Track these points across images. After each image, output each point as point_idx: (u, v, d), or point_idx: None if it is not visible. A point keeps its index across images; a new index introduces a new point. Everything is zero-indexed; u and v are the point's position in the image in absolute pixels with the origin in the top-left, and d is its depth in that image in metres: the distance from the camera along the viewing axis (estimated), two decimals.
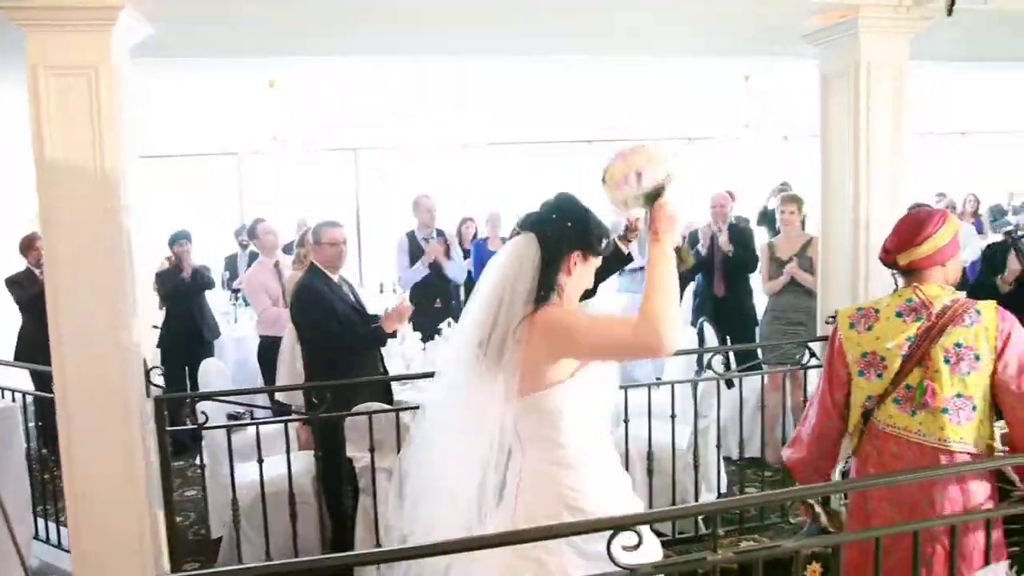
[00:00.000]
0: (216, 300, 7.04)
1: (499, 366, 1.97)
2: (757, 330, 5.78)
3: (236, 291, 7.45)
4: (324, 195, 9.92)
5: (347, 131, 9.06)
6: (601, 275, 2.27)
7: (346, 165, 10.37)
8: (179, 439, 5.45)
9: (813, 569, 2.18)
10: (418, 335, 5.96)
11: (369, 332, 4.24)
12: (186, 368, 5.61)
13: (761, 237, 7.27)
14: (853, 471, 2.60)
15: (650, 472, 4.09)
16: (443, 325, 5.40)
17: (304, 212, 8.50)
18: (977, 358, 2.31)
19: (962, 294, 2.47)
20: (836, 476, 2.67)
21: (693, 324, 5.74)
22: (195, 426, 3.61)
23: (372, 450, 3.75)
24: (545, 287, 2.00)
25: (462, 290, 6.89)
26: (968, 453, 2.33)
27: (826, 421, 2.57)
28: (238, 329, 6.95)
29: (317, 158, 8.88)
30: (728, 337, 5.44)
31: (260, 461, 3.73)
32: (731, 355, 4.35)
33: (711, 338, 5.29)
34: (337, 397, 3.75)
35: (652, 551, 1.99)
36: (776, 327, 5.32)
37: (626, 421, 4.00)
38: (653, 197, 1.95)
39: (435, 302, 6.11)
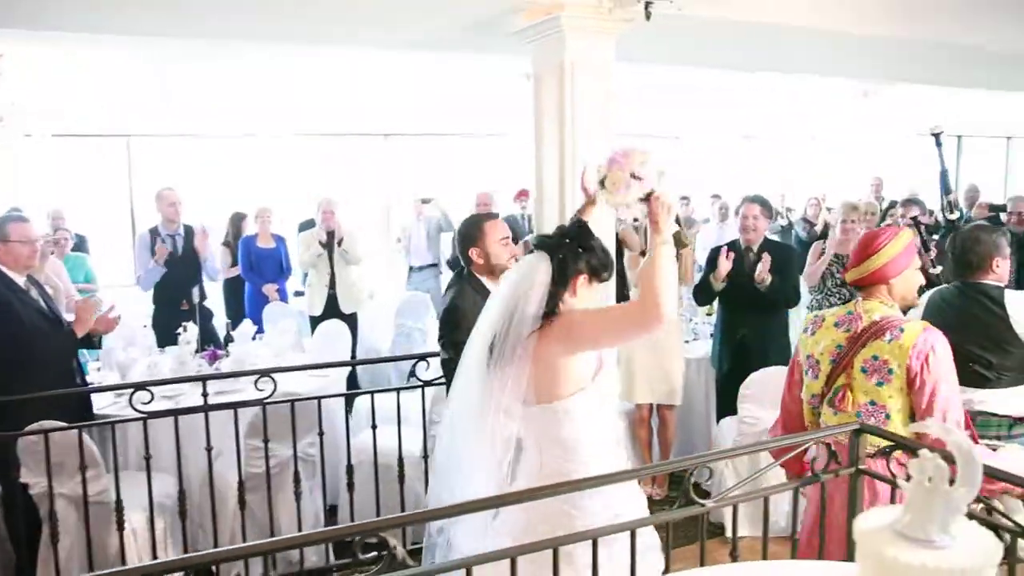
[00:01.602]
0: None
1: (509, 371, 2.15)
2: None
3: None
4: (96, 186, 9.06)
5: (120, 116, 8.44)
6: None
7: (117, 153, 9.53)
8: None
9: None
10: (152, 340, 5.54)
11: (59, 340, 3.80)
12: None
13: None
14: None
15: (401, 479, 3.94)
16: (180, 330, 5.00)
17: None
18: (890, 372, 2.50)
19: (898, 313, 2.63)
20: None
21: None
22: None
23: (49, 475, 3.36)
24: (551, 304, 2.20)
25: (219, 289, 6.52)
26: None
27: (786, 414, 2.88)
28: None
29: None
30: None
31: None
32: None
33: None
34: (9, 415, 3.33)
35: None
36: None
37: (373, 427, 3.87)
38: (649, 193, 2.22)
39: (181, 303, 5.66)
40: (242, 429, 3.68)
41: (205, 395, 3.32)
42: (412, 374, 3.58)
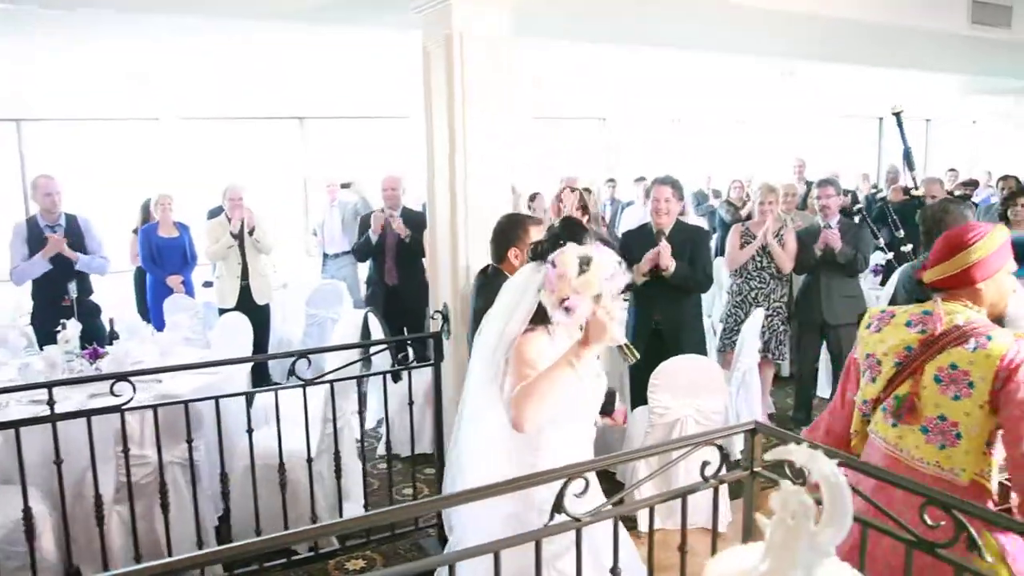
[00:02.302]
0: None
1: (500, 374, 2.26)
2: None
3: None
4: None
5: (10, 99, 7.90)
6: None
7: (7, 137, 8.94)
8: None
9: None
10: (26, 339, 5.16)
11: None
12: None
13: None
14: None
15: (283, 486, 3.64)
16: (58, 328, 4.64)
17: None
18: (970, 385, 2.08)
19: (982, 318, 2.19)
20: None
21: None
22: None
23: None
24: (543, 312, 2.20)
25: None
26: (943, 481, 2.08)
27: (834, 420, 2.50)
28: None
29: None
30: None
31: None
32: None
33: (376, 330, 4.95)
34: None
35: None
36: None
37: (250, 431, 3.57)
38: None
39: (63, 299, 5.25)
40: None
41: (51, 403, 2.98)
42: (292, 372, 3.30)
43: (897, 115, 4.62)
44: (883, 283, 6.42)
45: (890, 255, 6.31)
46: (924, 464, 2.13)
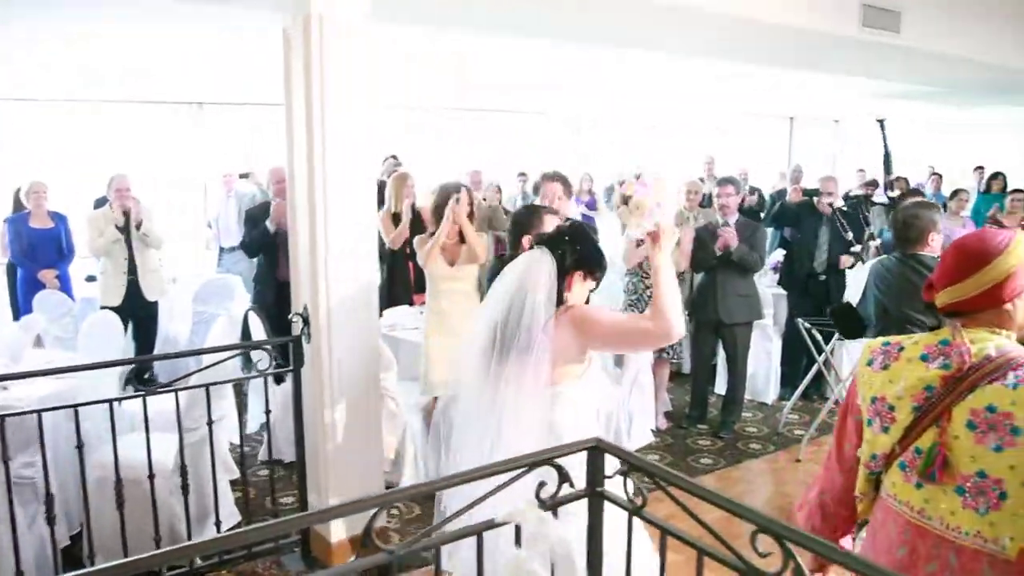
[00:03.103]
0: None
1: (528, 359, 2.27)
2: None
3: None
4: None
5: None
6: None
7: None
8: None
9: None
10: None
11: None
12: None
13: None
14: (863, 544, 2.02)
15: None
16: None
17: None
18: (1015, 431, 1.64)
19: (1016, 345, 1.77)
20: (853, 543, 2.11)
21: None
22: None
23: None
24: (559, 296, 2.37)
25: None
26: (988, 554, 1.67)
27: (830, 477, 2.03)
28: None
29: None
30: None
31: None
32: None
33: (259, 330, 4.68)
34: None
35: None
36: None
37: (114, 442, 3.25)
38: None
39: None
40: None
41: None
42: (138, 379, 3.04)
43: (881, 122, 4.75)
44: (780, 283, 6.44)
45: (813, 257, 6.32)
46: (962, 535, 1.70)
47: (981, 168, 11.74)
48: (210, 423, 3.27)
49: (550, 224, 3.22)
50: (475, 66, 8.07)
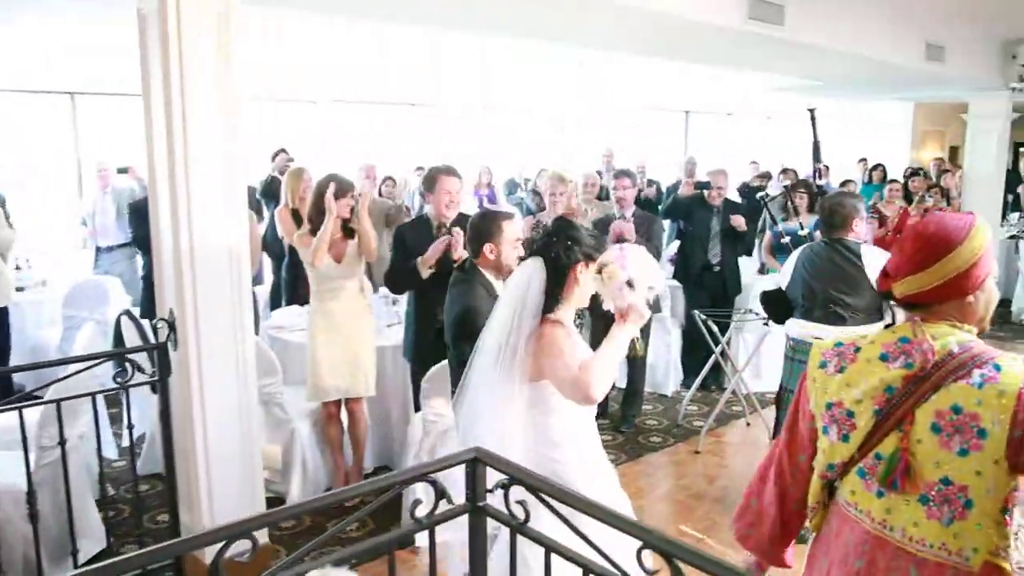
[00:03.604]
0: None
1: (513, 366, 2.38)
2: None
3: None
4: None
5: None
6: None
7: None
8: None
9: None
10: None
11: None
12: None
13: None
14: (810, 556, 1.89)
15: None
16: None
17: None
18: (982, 434, 1.53)
19: (977, 340, 1.67)
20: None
21: None
22: None
23: None
24: (552, 300, 2.42)
25: None
26: (952, 566, 1.58)
27: (786, 488, 1.88)
28: None
29: None
30: None
31: None
32: None
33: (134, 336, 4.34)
34: None
35: None
36: None
37: None
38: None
39: None
40: None
41: None
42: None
43: (811, 111, 4.89)
44: (675, 275, 6.46)
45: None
46: (925, 547, 1.60)
47: (864, 160, 12.22)
48: (62, 442, 2.96)
49: (510, 230, 3.21)
50: (362, 55, 7.85)
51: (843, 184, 7.94)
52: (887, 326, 1.78)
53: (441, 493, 1.82)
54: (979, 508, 1.56)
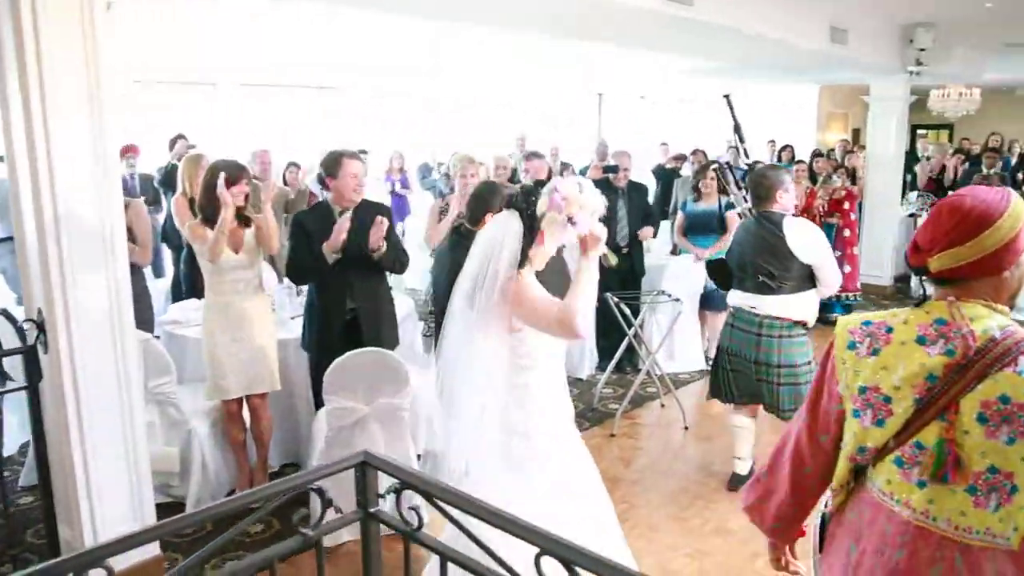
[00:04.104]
0: None
1: (489, 310, 2.50)
2: None
3: None
4: None
5: None
6: None
7: None
8: None
9: None
10: None
11: None
12: None
13: None
14: (829, 533, 1.85)
15: None
16: None
17: None
18: None
19: (1017, 325, 1.59)
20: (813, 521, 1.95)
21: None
22: None
23: None
24: (523, 256, 2.54)
25: None
26: (995, 549, 1.55)
27: (802, 468, 1.84)
28: None
29: None
30: None
31: None
32: None
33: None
34: None
35: None
36: None
37: None
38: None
39: None
40: None
41: None
42: None
43: (727, 97, 5.07)
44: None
45: None
46: (972, 534, 1.57)
47: (773, 141, 12.49)
48: None
49: None
50: (265, 36, 7.54)
51: (751, 166, 8.04)
52: (918, 304, 1.71)
53: (328, 503, 1.68)
54: (1023, 492, 1.53)
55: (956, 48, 9.70)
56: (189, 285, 5.77)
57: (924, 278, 1.72)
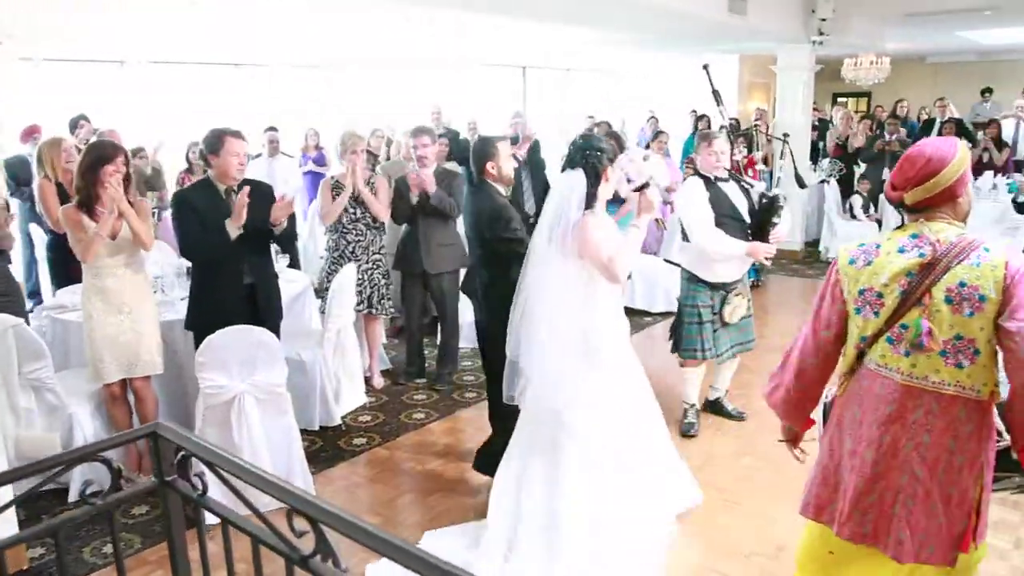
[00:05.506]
0: None
1: (565, 244, 3.16)
2: None
3: None
4: None
5: None
6: None
7: None
8: None
9: None
10: None
11: None
12: None
13: None
14: (834, 410, 2.45)
15: None
16: None
17: None
18: (982, 299, 2.10)
19: (968, 232, 2.23)
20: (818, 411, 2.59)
21: None
22: None
23: None
24: (591, 198, 3.21)
25: None
26: (965, 399, 2.16)
27: (806, 359, 2.42)
28: None
29: None
30: None
31: None
32: None
33: None
34: None
35: None
36: None
37: None
38: (642, 186, 3.44)
39: None
40: None
41: None
42: None
43: (705, 67, 5.23)
44: None
45: None
46: (946, 386, 2.16)
47: (695, 111, 12.68)
48: None
49: (504, 151, 3.96)
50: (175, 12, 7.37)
51: (655, 136, 8.21)
52: (898, 227, 2.32)
53: (117, 473, 1.74)
54: (985, 353, 2.13)
55: (857, 17, 9.96)
56: (58, 271, 5.70)
57: (900, 208, 2.33)
